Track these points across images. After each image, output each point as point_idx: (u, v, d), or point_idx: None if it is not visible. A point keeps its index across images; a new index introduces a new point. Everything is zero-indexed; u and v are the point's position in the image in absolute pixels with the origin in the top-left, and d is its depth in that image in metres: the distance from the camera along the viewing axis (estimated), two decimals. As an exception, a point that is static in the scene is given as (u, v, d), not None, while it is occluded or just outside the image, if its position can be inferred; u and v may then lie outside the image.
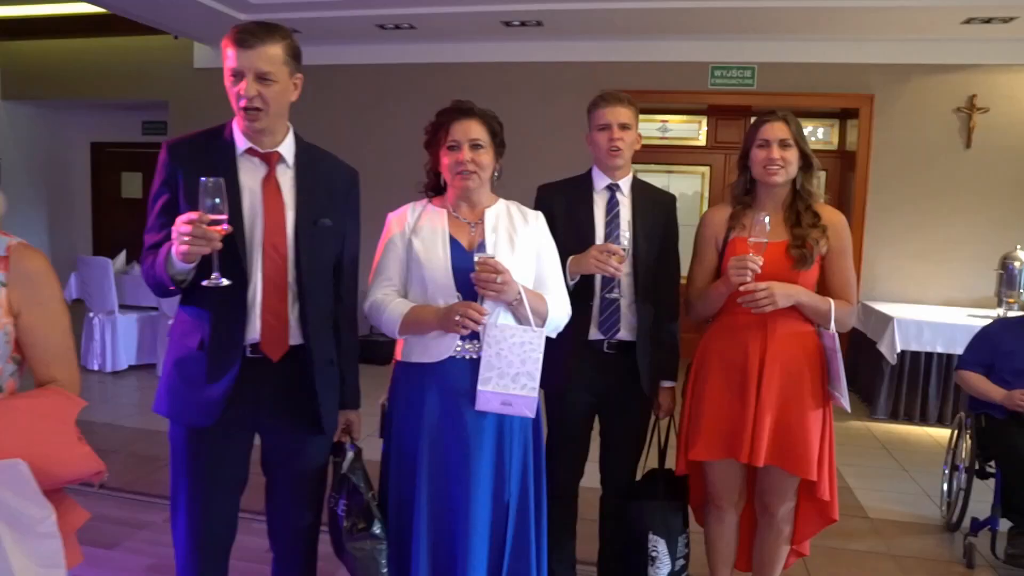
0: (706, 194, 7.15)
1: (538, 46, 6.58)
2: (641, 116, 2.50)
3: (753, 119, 2.45)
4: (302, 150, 1.95)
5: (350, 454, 2.05)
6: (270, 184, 1.88)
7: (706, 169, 7.19)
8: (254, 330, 1.84)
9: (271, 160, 1.89)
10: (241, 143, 1.87)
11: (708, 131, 7.16)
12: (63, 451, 1.32)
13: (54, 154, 9.26)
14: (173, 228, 1.65)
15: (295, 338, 1.89)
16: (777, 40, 6.24)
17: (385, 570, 1.99)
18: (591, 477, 2.59)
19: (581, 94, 6.48)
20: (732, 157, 6.94)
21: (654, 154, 6.95)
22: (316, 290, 1.91)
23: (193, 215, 1.61)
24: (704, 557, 2.60)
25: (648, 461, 2.59)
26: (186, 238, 1.61)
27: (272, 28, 1.81)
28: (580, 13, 5.78)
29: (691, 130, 7.21)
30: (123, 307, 6.05)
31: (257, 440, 1.99)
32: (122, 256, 6.42)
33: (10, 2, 7.41)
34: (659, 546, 2.46)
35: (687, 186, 7.16)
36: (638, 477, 2.60)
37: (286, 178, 1.90)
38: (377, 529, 1.99)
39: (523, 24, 6.08)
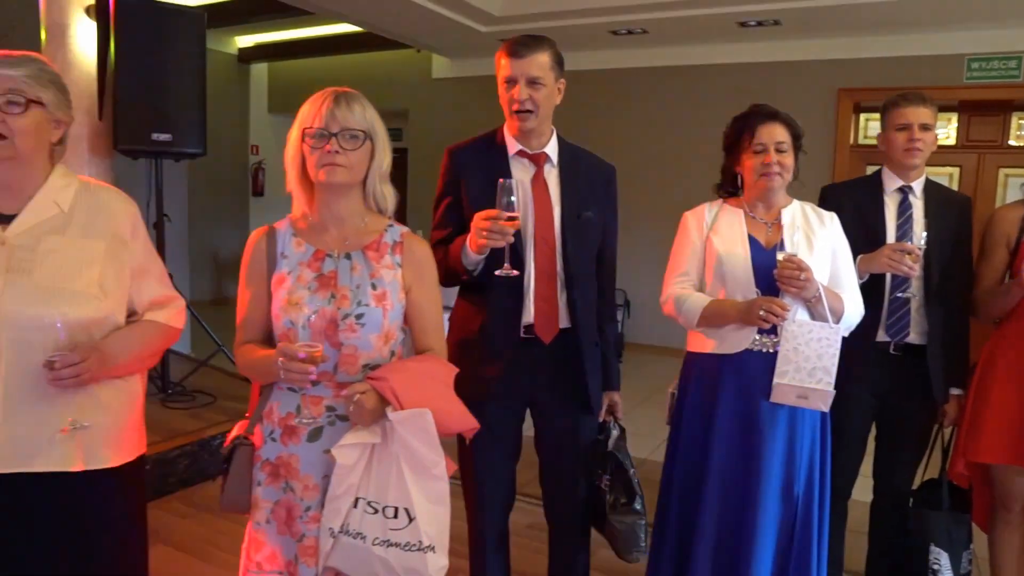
0: (955, 197, 6.61)
1: (774, 46, 6.43)
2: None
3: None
4: (565, 150, 2.13)
5: (615, 433, 2.19)
6: (539, 182, 2.07)
7: (955, 170, 6.64)
8: (528, 314, 2.03)
9: (539, 160, 2.08)
10: (512, 146, 2.08)
11: (959, 129, 6.62)
12: (450, 407, 1.56)
13: (307, 159, 10.37)
14: (472, 224, 1.86)
15: (564, 322, 2.06)
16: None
17: (644, 544, 2.13)
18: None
19: (819, 93, 6.32)
20: (987, 156, 6.38)
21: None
22: (582, 278, 2.08)
23: (491, 212, 1.80)
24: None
25: (925, 471, 2.51)
26: (484, 233, 1.80)
27: (540, 39, 2.02)
28: (823, 10, 5.57)
29: (939, 128, 6.69)
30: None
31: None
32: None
33: (279, 28, 8.42)
34: (942, 559, 2.37)
35: (933, 188, 6.65)
36: (914, 485, 2.52)
37: (552, 176, 2.09)
38: (638, 505, 2.13)
39: (760, 24, 5.97)
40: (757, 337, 2.05)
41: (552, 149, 2.10)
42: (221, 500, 1.63)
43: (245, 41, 9.07)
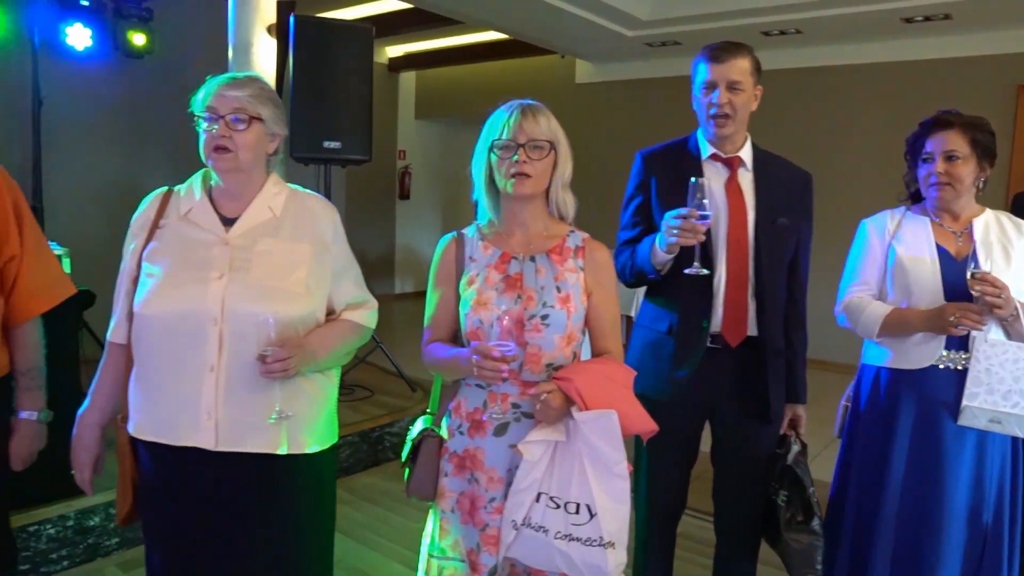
0: None
1: (942, 41, 6.04)
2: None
3: None
4: (759, 155, 2.11)
5: (795, 447, 2.11)
6: (732, 185, 2.05)
7: None
8: (716, 317, 2.01)
9: (733, 164, 2.07)
10: (705, 150, 2.07)
11: None
12: (630, 408, 1.59)
13: (448, 164, 10.69)
14: (663, 223, 1.87)
15: (751, 328, 2.03)
16: None
17: (820, 566, 2.03)
18: None
19: (995, 91, 5.87)
20: None
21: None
22: (773, 284, 2.04)
23: (683, 211, 1.80)
24: None
25: None
26: (675, 231, 1.81)
27: (740, 45, 2.01)
28: (999, 0, 5.19)
29: None
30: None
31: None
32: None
33: (427, 38, 8.75)
34: None
35: None
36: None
37: (746, 180, 2.07)
38: (816, 524, 2.04)
39: (927, 19, 5.63)
40: (944, 352, 1.95)
41: (746, 153, 2.09)
42: (408, 487, 1.74)
43: (395, 51, 9.48)
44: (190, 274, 1.53)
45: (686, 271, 1.87)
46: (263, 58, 4.17)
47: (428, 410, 1.83)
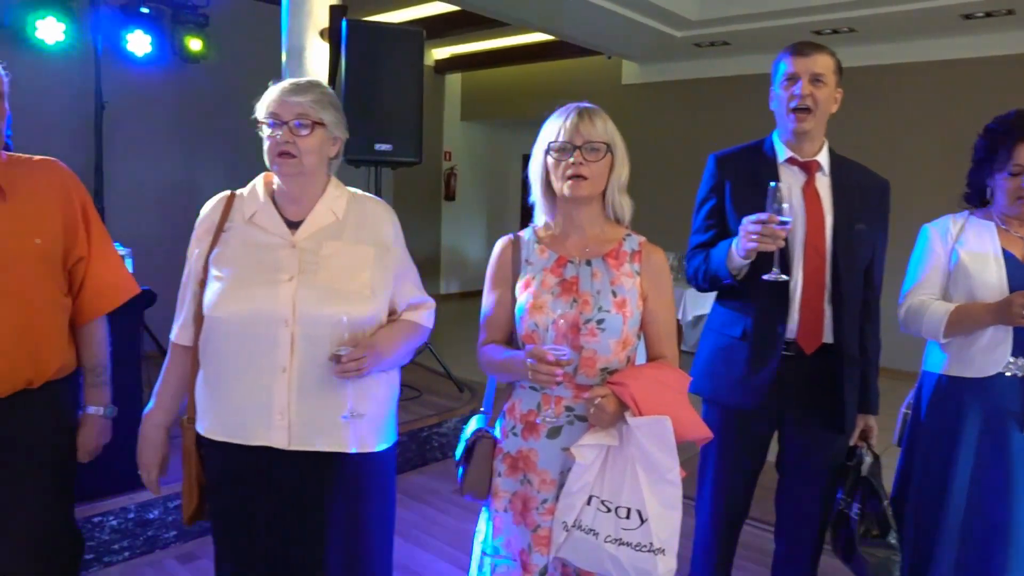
0: None
1: (1006, 37, 5.86)
2: None
3: None
4: (836, 159, 2.06)
5: (868, 459, 2.06)
6: (810, 190, 2.01)
7: None
8: (792, 324, 1.98)
9: (811, 168, 2.02)
10: (782, 153, 2.04)
11: None
12: (684, 414, 1.58)
13: (493, 165, 10.75)
14: (741, 227, 1.83)
15: (827, 335, 1.99)
16: None
17: None
18: None
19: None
20: None
21: None
22: (849, 291, 1.99)
23: (763, 216, 1.77)
24: None
25: None
26: (754, 236, 1.78)
27: (821, 45, 1.97)
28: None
29: None
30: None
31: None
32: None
33: (472, 40, 8.80)
34: None
35: None
36: None
37: (823, 185, 2.02)
38: (892, 539, 1.99)
39: (988, 15, 5.47)
40: (1012, 359, 1.90)
41: (824, 158, 2.05)
42: (461, 486, 1.75)
43: (441, 53, 9.56)
44: (260, 276, 1.56)
45: (764, 277, 1.83)
46: (315, 62, 4.25)
47: (482, 409, 1.85)
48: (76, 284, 1.82)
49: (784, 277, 1.84)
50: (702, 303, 6.62)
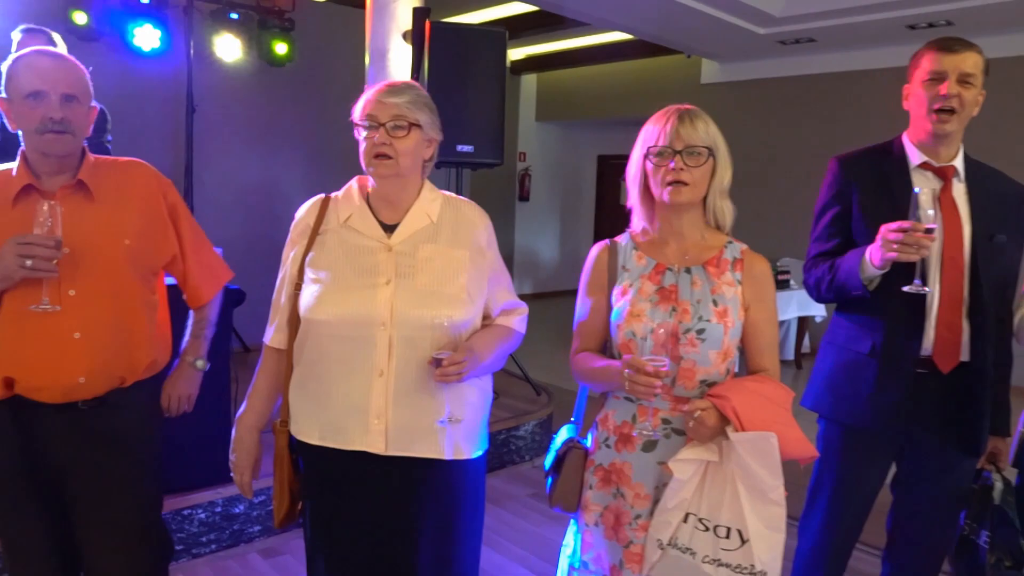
0: None
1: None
2: None
3: None
4: (972, 165, 1.93)
5: (999, 484, 1.94)
6: (947, 197, 1.89)
7: None
8: (928, 340, 1.86)
9: (947, 174, 1.90)
10: (915, 157, 1.92)
11: None
12: (788, 431, 1.50)
13: (568, 166, 10.68)
14: (879, 235, 1.73)
15: (964, 353, 1.87)
16: None
17: None
18: None
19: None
20: None
21: None
22: (989, 307, 1.87)
23: (905, 223, 1.67)
24: None
25: None
26: (895, 245, 1.67)
27: (971, 42, 1.84)
28: None
29: None
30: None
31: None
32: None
33: (548, 40, 8.75)
34: None
35: None
36: None
37: (959, 192, 1.90)
38: None
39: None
40: None
41: (960, 163, 1.93)
42: (550, 497, 1.72)
43: (516, 54, 9.55)
44: (358, 279, 1.55)
45: (905, 288, 1.73)
46: (398, 64, 4.29)
47: (572, 419, 1.80)
48: (180, 279, 1.92)
49: (927, 289, 1.74)
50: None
